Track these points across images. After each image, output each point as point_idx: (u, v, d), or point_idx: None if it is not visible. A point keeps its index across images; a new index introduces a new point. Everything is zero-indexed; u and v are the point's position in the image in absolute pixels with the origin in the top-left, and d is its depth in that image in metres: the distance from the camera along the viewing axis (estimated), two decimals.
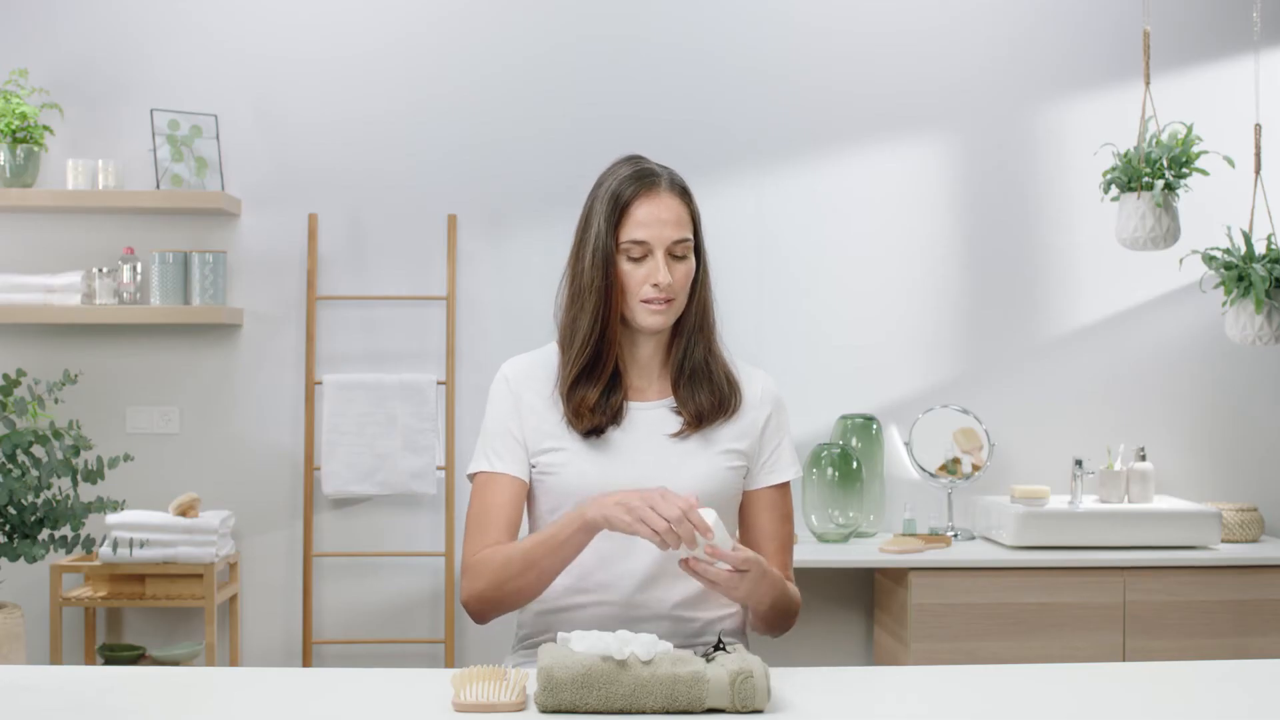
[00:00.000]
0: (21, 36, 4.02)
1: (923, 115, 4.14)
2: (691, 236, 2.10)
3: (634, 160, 2.13)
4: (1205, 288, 3.92)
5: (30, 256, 3.99)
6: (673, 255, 2.08)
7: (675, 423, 2.13)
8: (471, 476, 2.16)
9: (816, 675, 1.88)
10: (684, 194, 2.11)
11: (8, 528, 3.26)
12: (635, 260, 2.07)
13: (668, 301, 2.08)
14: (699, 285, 2.14)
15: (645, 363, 2.16)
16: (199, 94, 4.02)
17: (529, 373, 2.16)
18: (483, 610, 2.08)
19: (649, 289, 2.06)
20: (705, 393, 2.13)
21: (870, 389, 4.10)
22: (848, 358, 4.10)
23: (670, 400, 2.15)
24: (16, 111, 3.84)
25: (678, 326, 2.15)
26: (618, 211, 2.07)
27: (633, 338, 2.14)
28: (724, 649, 1.82)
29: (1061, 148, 4.14)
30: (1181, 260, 3.86)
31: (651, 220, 2.06)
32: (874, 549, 3.78)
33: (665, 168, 2.13)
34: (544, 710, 1.72)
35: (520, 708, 1.73)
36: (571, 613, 2.11)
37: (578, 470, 2.09)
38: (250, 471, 4.04)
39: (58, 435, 3.34)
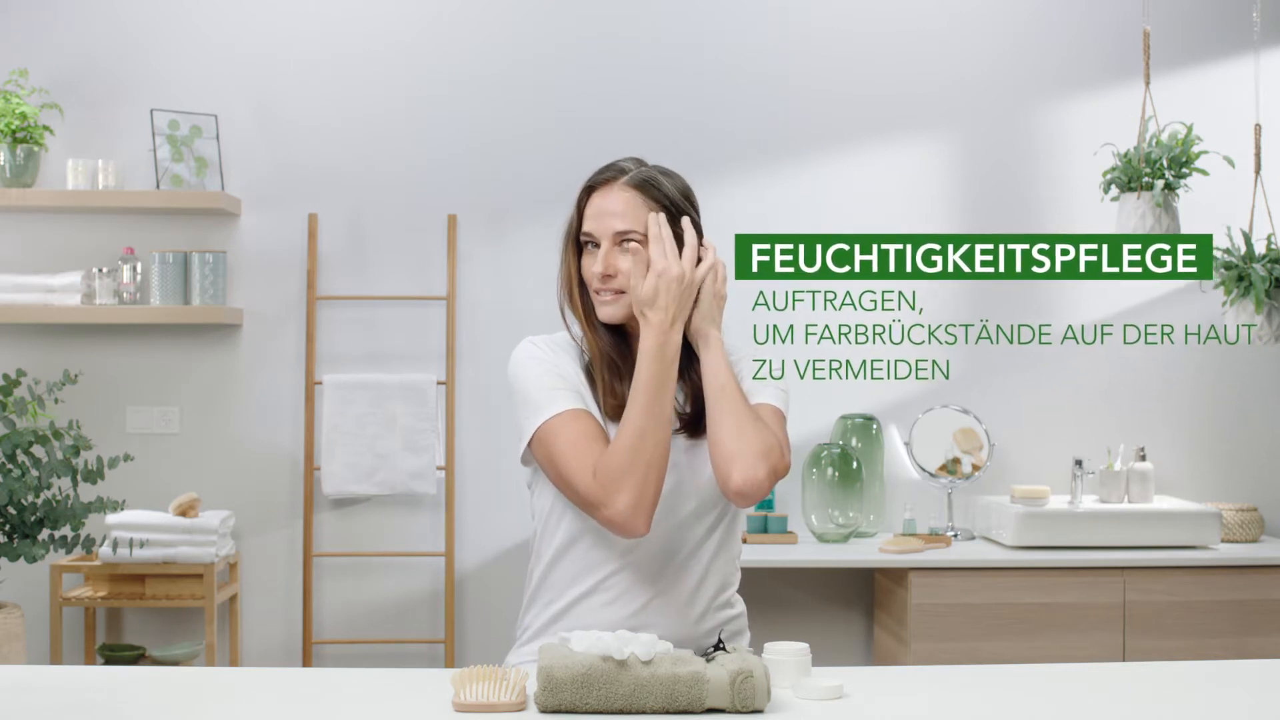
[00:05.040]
0: (21, 36, 4.02)
1: (923, 115, 4.14)
2: (642, 230, 2.03)
3: (621, 159, 2.11)
4: (1205, 288, 3.92)
5: (30, 256, 3.98)
6: (622, 247, 2.04)
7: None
8: (529, 443, 2.04)
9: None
10: (647, 188, 2.05)
11: (8, 528, 3.26)
12: (591, 253, 2.07)
13: (617, 293, 2.04)
14: None
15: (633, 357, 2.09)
16: (199, 94, 4.02)
17: (556, 345, 2.11)
18: (640, 506, 1.93)
19: (597, 280, 2.05)
20: (684, 394, 2.08)
21: (870, 389, 4.09)
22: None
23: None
24: (16, 111, 3.84)
25: None
26: (579, 206, 2.09)
27: (621, 332, 2.10)
28: (724, 649, 1.82)
29: (1062, 148, 4.14)
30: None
31: (597, 213, 2.06)
32: (874, 549, 3.79)
33: (643, 165, 2.09)
34: (544, 710, 1.72)
35: (520, 708, 1.73)
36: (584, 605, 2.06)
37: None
38: (250, 471, 4.04)
39: (58, 435, 3.34)
